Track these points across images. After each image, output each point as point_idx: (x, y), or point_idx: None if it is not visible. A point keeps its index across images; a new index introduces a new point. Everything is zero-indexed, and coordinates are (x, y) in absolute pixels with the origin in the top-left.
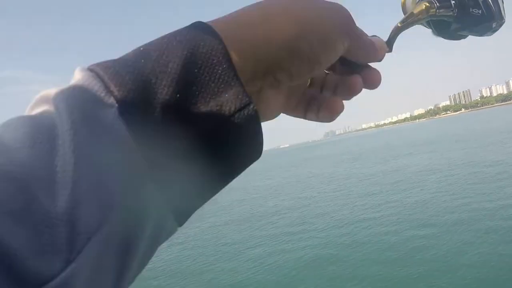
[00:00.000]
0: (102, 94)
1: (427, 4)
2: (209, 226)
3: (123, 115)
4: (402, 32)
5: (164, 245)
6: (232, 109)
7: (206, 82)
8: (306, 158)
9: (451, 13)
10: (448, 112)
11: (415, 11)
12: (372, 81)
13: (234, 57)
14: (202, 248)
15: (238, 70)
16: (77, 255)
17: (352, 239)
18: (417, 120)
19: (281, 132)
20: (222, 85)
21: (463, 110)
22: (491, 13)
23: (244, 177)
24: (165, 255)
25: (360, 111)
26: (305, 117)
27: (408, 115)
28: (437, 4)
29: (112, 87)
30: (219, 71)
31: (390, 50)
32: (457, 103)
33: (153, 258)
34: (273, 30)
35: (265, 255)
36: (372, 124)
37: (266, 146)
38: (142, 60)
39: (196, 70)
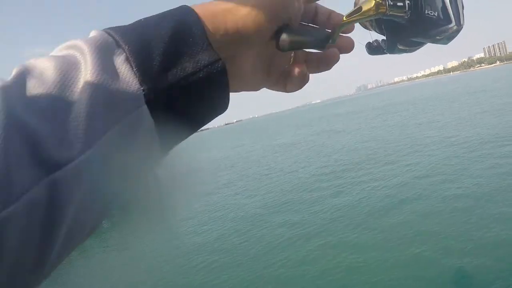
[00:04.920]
0: (113, 46)
1: (378, 1)
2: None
3: (129, 61)
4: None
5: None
6: (205, 62)
7: (188, 45)
8: (336, 114)
9: (403, 14)
10: (483, 64)
11: (364, 7)
12: (346, 46)
13: (208, 29)
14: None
15: (211, 39)
16: (90, 147)
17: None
18: (451, 73)
19: (312, 88)
20: (199, 48)
21: (498, 62)
22: (448, 17)
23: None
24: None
25: (392, 64)
26: (285, 90)
27: (441, 67)
28: (389, 2)
29: (121, 42)
30: (197, 39)
31: (333, 43)
32: (491, 56)
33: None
34: (242, 16)
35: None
36: (405, 78)
37: (298, 102)
38: (144, 26)
39: (180, 37)
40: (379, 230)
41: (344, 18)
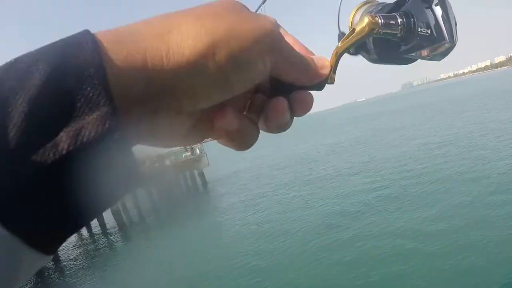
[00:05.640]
0: None
1: (371, 19)
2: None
3: None
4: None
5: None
6: (92, 134)
7: (68, 100)
8: (381, 112)
9: (396, 32)
10: None
11: (357, 27)
12: (300, 104)
13: (115, 73)
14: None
15: (118, 88)
16: None
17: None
18: (498, 68)
19: (358, 86)
20: (89, 105)
21: None
22: (441, 34)
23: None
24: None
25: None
26: (236, 146)
27: (488, 63)
28: (382, 21)
29: None
30: (88, 88)
31: (332, 81)
32: None
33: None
34: (173, 43)
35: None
36: (451, 74)
37: (344, 100)
38: (6, 74)
39: (58, 87)
40: (422, 220)
41: (339, 44)
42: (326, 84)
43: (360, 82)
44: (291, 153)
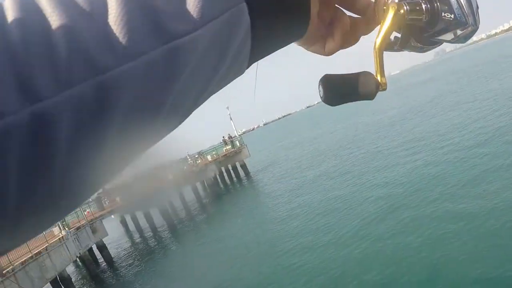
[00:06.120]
0: None
1: (397, 7)
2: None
3: None
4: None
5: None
6: None
7: None
8: (415, 83)
9: (421, 17)
10: None
11: (385, 18)
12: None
13: None
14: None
15: None
16: (201, 27)
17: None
18: None
19: (390, 59)
20: None
21: None
22: (464, 19)
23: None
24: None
25: None
26: (324, 51)
27: None
28: (407, 7)
29: None
30: None
31: (384, 88)
32: None
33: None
34: None
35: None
36: (483, 35)
37: None
38: None
39: None
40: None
41: (376, 41)
42: (378, 92)
43: (392, 55)
44: (329, 137)
